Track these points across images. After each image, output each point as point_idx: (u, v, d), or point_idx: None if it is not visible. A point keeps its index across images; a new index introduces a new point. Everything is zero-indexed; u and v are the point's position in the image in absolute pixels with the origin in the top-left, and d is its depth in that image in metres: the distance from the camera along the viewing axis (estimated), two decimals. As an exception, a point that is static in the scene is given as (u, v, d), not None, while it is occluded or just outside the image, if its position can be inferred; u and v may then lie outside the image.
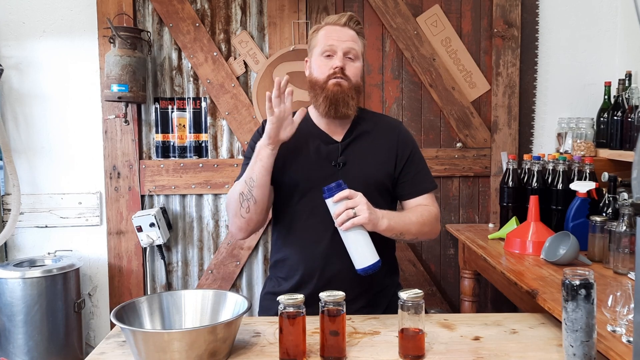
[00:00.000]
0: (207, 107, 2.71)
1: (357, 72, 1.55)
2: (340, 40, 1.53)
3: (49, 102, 2.69)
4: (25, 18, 2.65)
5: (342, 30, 1.54)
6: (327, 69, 1.52)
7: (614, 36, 2.72)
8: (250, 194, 1.46)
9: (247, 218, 1.49)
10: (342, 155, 1.57)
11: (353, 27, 1.56)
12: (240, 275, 2.74)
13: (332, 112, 1.52)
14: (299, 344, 1.17)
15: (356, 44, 1.55)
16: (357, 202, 1.36)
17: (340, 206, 1.35)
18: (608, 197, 1.95)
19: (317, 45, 1.56)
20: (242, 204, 1.48)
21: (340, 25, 1.55)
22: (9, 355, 2.37)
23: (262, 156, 1.47)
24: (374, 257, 1.37)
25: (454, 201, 2.76)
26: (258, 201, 1.48)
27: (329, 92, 1.51)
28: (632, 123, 2.20)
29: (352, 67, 1.54)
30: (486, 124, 2.73)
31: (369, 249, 1.37)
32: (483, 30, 2.72)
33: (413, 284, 2.69)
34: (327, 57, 1.53)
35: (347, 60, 1.53)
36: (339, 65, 1.51)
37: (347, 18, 1.55)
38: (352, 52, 1.53)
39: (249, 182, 1.46)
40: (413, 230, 1.51)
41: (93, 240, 2.72)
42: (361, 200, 1.36)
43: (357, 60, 1.55)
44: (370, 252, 1.37)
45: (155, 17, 2.67)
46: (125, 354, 1.23)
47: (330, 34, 1.54)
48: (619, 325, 1.19)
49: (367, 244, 1.37)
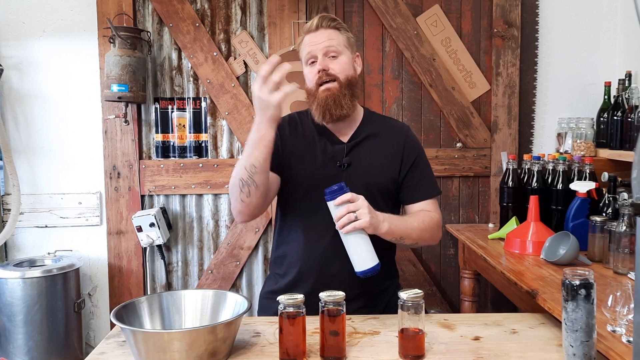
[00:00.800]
0: (207, 107, 2.71)
1: (343, 66, 1.55)
2: (317, 44, 1.54)
3: (49, 102, 2.69)
4: (25, 18, 2.65)
5: (316, 34, 1.56)
6: (313, 76, 1.55)
7: (614, 36, 2.72)
8: (252, 179, 1.43)
9: (247, 202, 1.47)
10: (348, 156, 1.57)
11: (327, 26, 1.57)
12: (240, 275, 2.74)
13: (326, 117, 1.54)
14: (299, 344, 1.17)
15: (334, 39, 1.55)
16: (358, 206, 1.36)
17: (342, 209, 1.35)
18: (608, 197, 1.95)
19: (302, 56, 1.59)
20: (242, 189, 1.45)
21: (314, 30, 1.57)
22: (9, 355, 2.37)
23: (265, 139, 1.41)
24: (373, 260, 1.37)
25: (454, 201, 2.76)
26: (259, 185, 1.45)
27: (320, 99, 1.53)
28: (632, 123, 2.20)
29: (336, 63, 1.54)
30: (486, 124, 2.73)
31: (369, 252, 1.37)
32: (483, 30, 2.72)
33: (413, 284, 2.69)
34: (311, 64, 1.56)
35: (330, 59, 1.54)
36: (320, 68, 1.53)
37: (318, 21, 1.57)
38: (332, 50, 1.54)
39: (251, 169, 1.42)
40: (413, 236, 1.51)
41: (93, 240, 2.72)
42: (363, 204, 1.36)
43: (340, 55, 1.55)
44: (370, 255, 1.37)
45: (155, 17, 2.67)
46: (125, 354, 1.23)
47: (309, 42, 1.56)
48: (619, 325, 1.19)
49: (367, 248, 1.37)
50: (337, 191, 1.37)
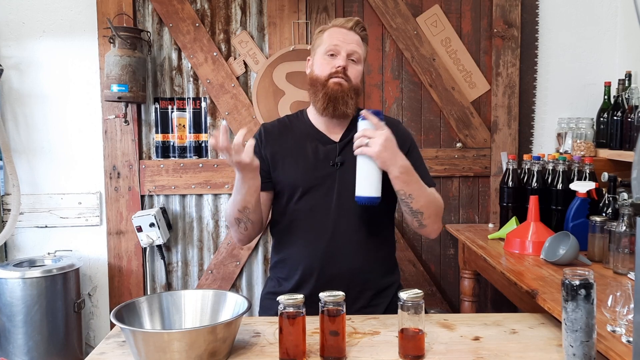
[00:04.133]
0: (207, 107, 2.71)
1: (358, 74, 1.57)
2: (345, 42, 1.55)
3: (49, 102, 2.69)
4: (25, 18, 2.65)
5: (348, 33, 1.56)
6: (329, 67, 1.54)
7: (614, 36, 2.72)
8: (247, 218, 1.50)
9: (246, 234, 1.55)
10: (340, 155, 1.58)
11: (359, 32, 1.59)
12: (240, 275, 2.74)
13: (330, 109, 1.54)
14: (299, 344, 1.17)
15: (360, 48, 1.57)
16: (374, 135, 1.39)
17: (360, 132, 1.41)
18: (608, 197, 1.95)
19: (322, 45, 1.57)
20: (239, 225, 1.52)
21: (347, 28, 1.57)
22: (8, 355, 2.37)
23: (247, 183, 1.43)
24: (372, 191, 1.41)
25: (453, 201, 2.76)
26: (255, 221, 1.53)
27: (329, 90, 1.53)
28: (632, 123, 2.20)
29: (354, 69, 1.55)
30: (486, 124, 2.73)
31: (371, 182, 1.42)
32: (483, 31, 2.72)
33: (413, 284, 2.69)
34: (330, 56, 1.55)
35: (350, 62, 1.55)
36: (342, 64, 1.52)
37: (354, 23, 1.58)
38: (355, 55, 1.55)
39: (244, 211, 1.48)
40: (422, 201, 1.47)
41: (93, 240, 2.72)
42: (380, 137, 1.38)
43: (359, 64, 1.57)
44: (370, 185, 1.41)
45: (155, 17, 2.67)
46: (125, 354, 1.23)
47: (336, 35, 1.56)
48: (618, 325, 1.19)
49: (371, 176, 1.41)
50: (369, 115, 1.41)
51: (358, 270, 1.55)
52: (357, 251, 1.54)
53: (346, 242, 1.54)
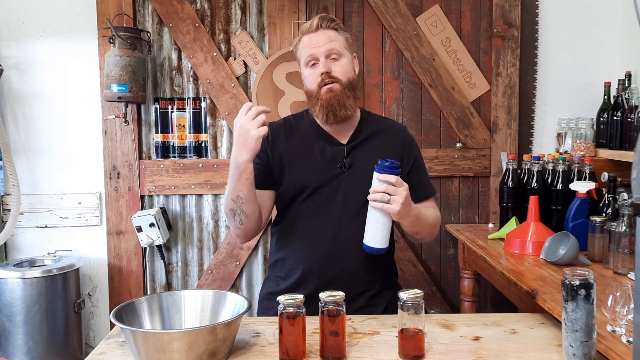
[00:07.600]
0: (206, 107, 2.71)
1: (345, 68, 1.55)
2: (318, 46, 1.53)
3: (49, 102, 2.69)
4: (25, 18, 2.65)
5: (316, 35, 1.55)
6: (315, 77, 1.54)
7: (614, 36, 2.72)
8: (240, 209, 1.48)
9: (242, 228, 1.52)
10: (348, 157, 1.58)
11: (327, 26, 1.56)
12: (240, 276, 2.74)
13: (331, 118, 1.54)
14: (299, 344, 1.17)
15: (335, 42, 1.55)
16: (396, 192, 1.37)
17: (381, 187, 1.37)
18: (608, 197, 1.95)
19: (302, 58, 1.58)
20: (234, 218, 1.50)
21: (314, 31, 1.55)
22: (8, 355, 2.37)
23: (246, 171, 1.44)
24: (383, 243, 1.42)
25: (453, 201, 2.76)
26: (249, 214, 1.49)
27: (323, 101, 1.53)
28: (632, 123, 2.20)
29: (337, 66, 1.54)
30: (486, 124, 2.73)
31: (384, 234, 1.42)
32: (483, 31, 2.72)
33: (413, 284, 2.69)
34: (312, 66, 1.55)
35: (331, 61, 1.54)
36: (323, 71, 1.52)
37: (318, 21, 1.56)
38: (333, 52, 1.54)
39: (237, 201, 1.46)
40: (423, 233, 1.56)
41: (93, 241, 2.72)
42: (401, 193, 1.37)
43: (341, 57, 1.55)
44: (383, 237, 1.42)
45: (155, 17, 2.67)
46: (125, 354, 1.23)
47: (307, 43, 1.55)
48: (618, 325, 1.19)
49: (384, 229, 1.42)
50: (387, 167, 1.38)
51: (358, 271, 1.56)
52: (358, 252, 1.54)
53: (348, 244, 1.54)
